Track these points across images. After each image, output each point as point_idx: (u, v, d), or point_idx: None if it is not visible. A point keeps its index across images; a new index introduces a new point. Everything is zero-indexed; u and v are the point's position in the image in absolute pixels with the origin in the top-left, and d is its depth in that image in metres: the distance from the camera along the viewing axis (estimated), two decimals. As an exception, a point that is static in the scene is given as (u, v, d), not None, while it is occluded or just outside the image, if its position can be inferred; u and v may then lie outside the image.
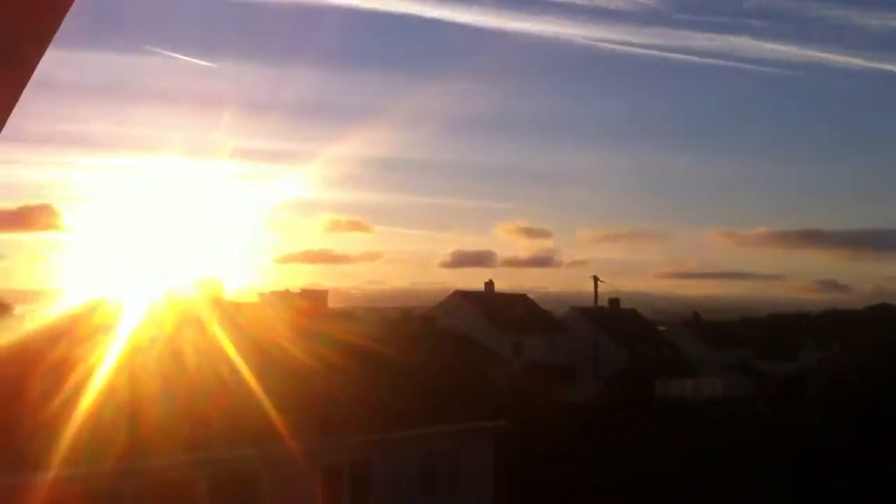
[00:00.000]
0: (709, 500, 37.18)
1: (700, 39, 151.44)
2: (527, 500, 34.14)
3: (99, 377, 18.55)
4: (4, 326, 23.64)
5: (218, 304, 26.10)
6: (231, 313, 25.47)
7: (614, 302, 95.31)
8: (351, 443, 22.19)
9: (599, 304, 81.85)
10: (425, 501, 24.46)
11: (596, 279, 73.87)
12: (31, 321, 21.73)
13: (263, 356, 23.30)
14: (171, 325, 22.99)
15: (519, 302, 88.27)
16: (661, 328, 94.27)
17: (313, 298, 38.31)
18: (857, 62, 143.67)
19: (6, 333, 21.55)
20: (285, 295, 39.02)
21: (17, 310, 30.62)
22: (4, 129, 2.23)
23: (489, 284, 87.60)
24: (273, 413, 20.81)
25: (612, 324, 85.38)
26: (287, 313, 27.70)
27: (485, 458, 26.40)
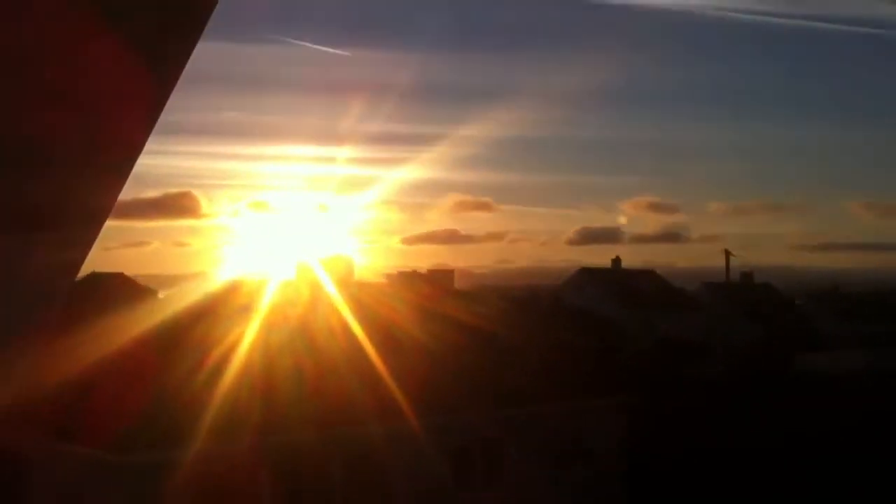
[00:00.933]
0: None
1: (837, 6, 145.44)
2: (663, 472, 33.66)
3: (236, 356, 19.16)
4: (150, 309, 24.71)
5: (347, 283, 26.58)
6: (360, 293, 25.91)
7: (747, 276, 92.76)
8: (481, 421, 22.29)
9: (731, 278, 79.77)
10: (558, 477, 24.40)
11: (728, 253, 71.98)
12: (174, 303, 22.63)
13: (392, 335, 23.63)
14: (303, 304, 23.57)
15: (647, 278, 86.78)
16: (798, 302, 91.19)
17: (440, 279, 38.57)
18: None
19: (151, 316, 22.52)
20: (412, 275, 39.46)
21: (162, 293, 31.90)
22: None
23: (616, 261, 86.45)
24: (402, 391, 21.09)
25: (745, 299, 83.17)
26: (414, 293, 27.99)
27: (616, 432, 26.15)
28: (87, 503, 17.41)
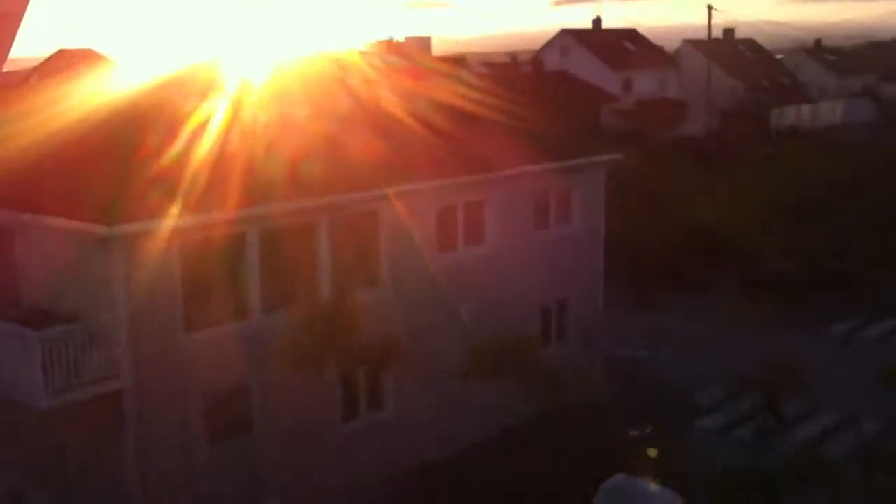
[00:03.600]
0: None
1: None
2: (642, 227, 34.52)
3: (215, 127, 19.03)
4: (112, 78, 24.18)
5: (326, 56, 26.17)
6: (338, 63, 25.49)
7: (729, 32, 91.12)
8: (465, 182, 22.53)
9: (714, 35, 78.25)
10: (538, 233, 25.02)
11: (710, 8, 70.28)
12: (144, 75, 22.17)
13: (374, 103, 23.45)
14: (284, 76, 23.21)
15: (628, 38, 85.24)
16: (779, 56, 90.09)
17: (417, 46, 37.90)
18: None
19: (119, 84, 22.10)
20: (389, 44, 38.73)
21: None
22: None
23: (596, 21, 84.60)
24: (390, 156, 21.19)
25: (727, 55, 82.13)
26: (393, 61, 27.55)
27: (597, 192, 26.58)
28: (68, 273, 17.75)
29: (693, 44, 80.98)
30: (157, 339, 17.56)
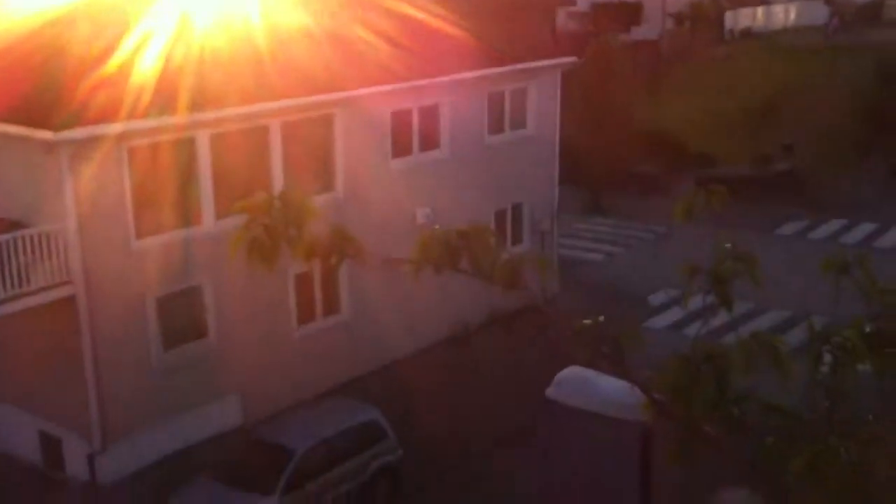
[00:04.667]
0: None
1: None
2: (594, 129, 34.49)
3: (162, 32, 18.51)
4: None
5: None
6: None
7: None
8: (419, 86, 22.26)
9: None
10: (493, 138, 24.92)
11: None
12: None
13: (324, 12, 22.89)
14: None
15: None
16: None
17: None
18: None
19: None
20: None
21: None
22: None
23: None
24: (343, 62, 20.81)
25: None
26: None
27: (552, 95, 26.44)
28: (15, 180, 17.42)
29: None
30: (107, 246, 17.38)
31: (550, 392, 7.14)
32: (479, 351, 23.76)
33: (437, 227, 3.93)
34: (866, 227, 32.78)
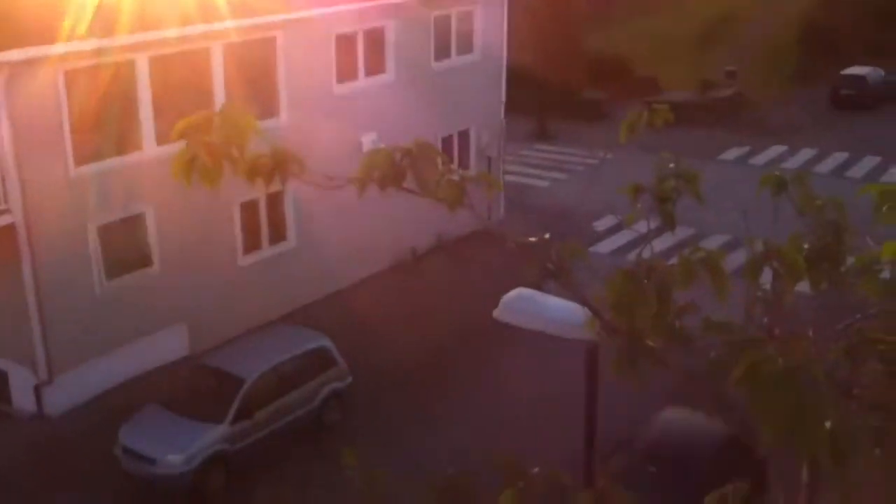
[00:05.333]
0: None
1: None
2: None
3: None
4: None
5: None
6: None
7: None
8: (364, 8, 21.89)
9: None
10: (439, 63, 24.69)
11: None
12: None
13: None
14: None
15: None
16: None
17: None
18: None
19: None
20: None
21: None
22: None
23: None
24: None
25: None
26: None
27: (499, 20, 26.20)
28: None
29: None
30: (46, 173, 17.00)
31: (497, 313, 7.23)
32: (426, 276, 23.88)
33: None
34: (807, 153, 33.31)
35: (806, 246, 4.34)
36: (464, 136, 25.98)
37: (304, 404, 17.56)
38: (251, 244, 21.13)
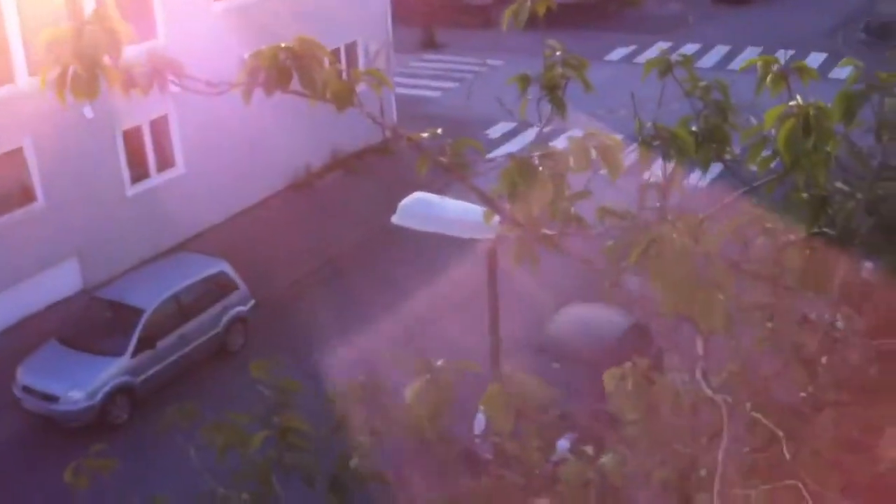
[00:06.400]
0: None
1: None
2: None
3: None
4: None
5: None
6: None
7: None
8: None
9: None
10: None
11: None
12: None
13: None
14: None
15: None
16: None
17: None
18: None
19: None
20: None
21: None
22: None
23: None
24: None
25: None
26: None
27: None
28: None
29: None
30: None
31: (395, 218, 7.20)
32: (322, 192, 23.64)
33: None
34: (690, 48, 33.80)
35: (693, 128, 4.43)
36: (351, 47, 25.49)
37: (206, 331, 17.37)
38: (138, 173, 20.51)
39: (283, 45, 3.44)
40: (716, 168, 4.56)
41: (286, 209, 22.74)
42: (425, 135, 3.86)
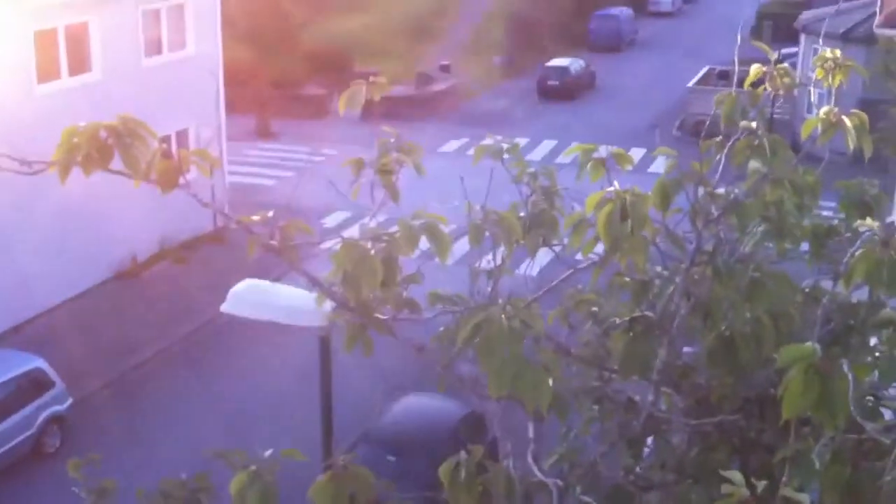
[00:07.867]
0: None
1: None
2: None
3: None
4: None
5: None
6: None
7: None
8: (66, 2, 20.61)
9: None
10: (150, 62, 23.74)
11: None
12: None
13: None
14: None
15: None
16: None
17: None
18: None
19: None
20: None
21: None
22: None
23: None
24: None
25: None
26: None
27: (211, 12, 25.56)
28: None
29: None
30: None
31: (225, 306, 6.98)
32: (149, 282, 22.87)
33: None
34: (521, 142, 35.05)
35: (522, 214, 4.54)
36: (182, 135, 25.08)
37: (20, 431, 16.25)
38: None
39: (103, 123, 3.32)
40: (546, 255, 4.68)
41: (111, 300, 21.83)
42: (256, 218, 3.79)
